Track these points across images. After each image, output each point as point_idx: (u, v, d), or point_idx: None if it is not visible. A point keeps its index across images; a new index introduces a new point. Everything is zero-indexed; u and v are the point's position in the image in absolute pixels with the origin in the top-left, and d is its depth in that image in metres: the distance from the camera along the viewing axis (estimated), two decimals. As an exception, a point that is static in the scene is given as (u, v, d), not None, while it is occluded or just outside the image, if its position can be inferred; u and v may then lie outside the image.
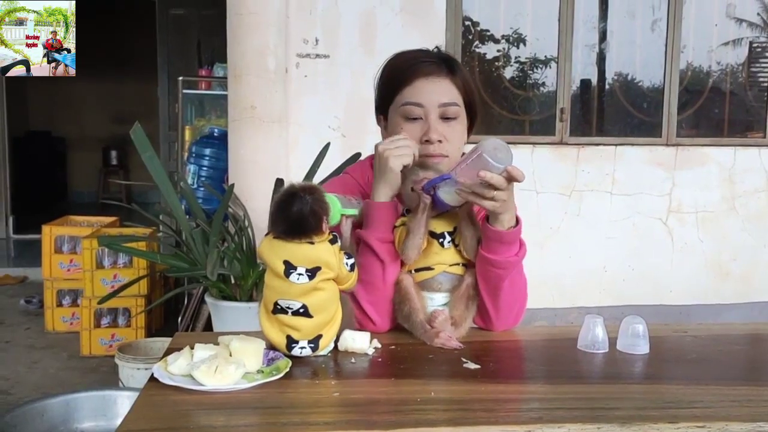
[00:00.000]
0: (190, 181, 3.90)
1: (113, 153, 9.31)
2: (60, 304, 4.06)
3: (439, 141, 1.38)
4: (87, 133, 9.35)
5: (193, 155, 4.05)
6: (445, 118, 1.39)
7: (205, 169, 3.99)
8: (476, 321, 1.41)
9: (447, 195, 1.27)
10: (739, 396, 1.10)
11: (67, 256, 4.06)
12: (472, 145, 1.32)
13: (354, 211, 1.29)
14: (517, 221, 1.33)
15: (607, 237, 4.06)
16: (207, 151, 4.01)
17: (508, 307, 1.39)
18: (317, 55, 3.65)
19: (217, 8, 4.00)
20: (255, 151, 3.37)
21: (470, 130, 1.49)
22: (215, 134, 4.07)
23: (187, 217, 3.12)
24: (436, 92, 1.39)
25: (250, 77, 3.35)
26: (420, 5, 3.78)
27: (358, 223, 1.34)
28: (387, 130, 1.46)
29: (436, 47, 1.49)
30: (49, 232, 4.06)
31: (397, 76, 1.42)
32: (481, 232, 1.33)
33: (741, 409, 1.04)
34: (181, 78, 4.48)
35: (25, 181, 7.67)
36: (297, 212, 1.15)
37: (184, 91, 4.46)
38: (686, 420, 0.99)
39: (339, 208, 1.24)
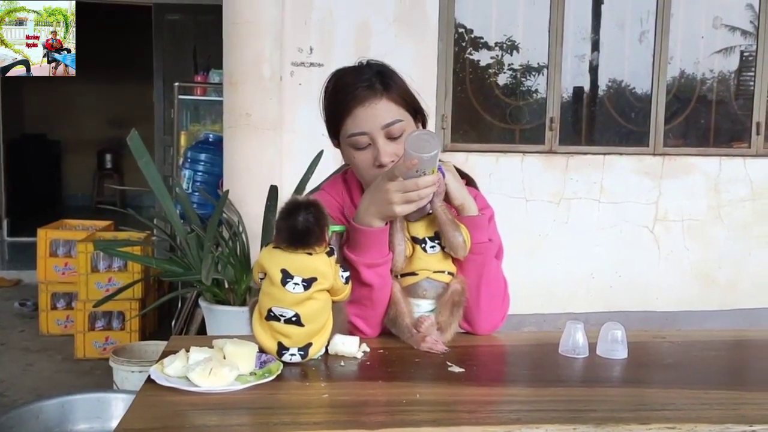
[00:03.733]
0: (185, 186, 3.93)
1: (108, 156, 9.32)
2: (54, 307, 4.08)
3: (392, 161, 1.38)
4: (82, 136, 9.35)
5: (189, 160, 4.08)
6: (391, 137, 1.40)
7: (200, 174, 4.03)
8: (461, 324, 1.44)
9: None
10: (710, 399, 1.14)
11: (62, 259, 4.09)
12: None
13: (342, 228, 1.34)
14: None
15: (594, 244, 4.12)
16: (202, 157, 4.05)
17: (490, 305, 1.43)
18: (311, 64, 3.69)
19: (213, 14, 4.05)
20: (250, 158, 3.41)
21: (424, 124, 1.50)
22: (210, 140, 4.10)
23: (182, 221, 3.16)
24: (376, 116, 1.38)
25: (245, 85, 3.40)
26: (413, 15, 3.83)
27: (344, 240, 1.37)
28: (343, 156, 1.48)
29: (366, 60, 1.47)
30: (45, 236, 4.10)
31: (336, 108, 1.42)
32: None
33: (711, 411, 1.08)
34: (177, 84, 4.52)
35: (20, 184, 7.68)
36: (303, 223, 1.19)
37: (180, 96, 4.49)
38: (658, 421, 1.02)
39: (330, 227, 1.28)
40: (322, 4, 3.70)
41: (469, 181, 1.55)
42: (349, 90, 1.40)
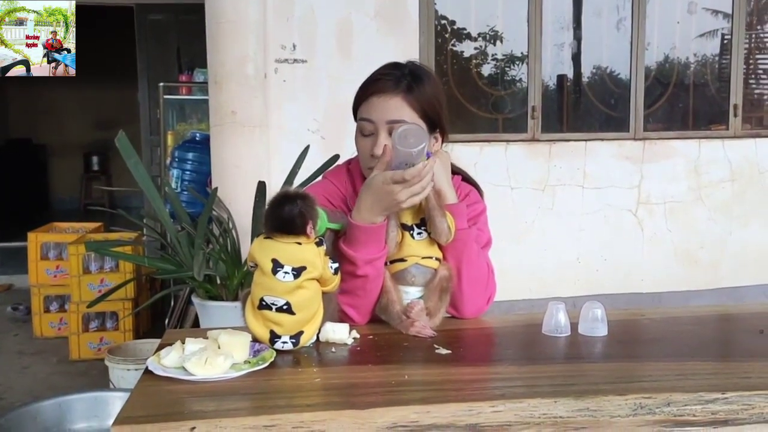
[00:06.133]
0: (173, 185, 3.94)
1: (95, 159, 9.30)
2: (47, 310, 4.09)
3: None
4: (68, 139, 9.31)
5: (176, 160, 4.09)
6: None
7: (188, 173, 4.04)
8: (447, 309, 1.49)
9: None
10: (685, 370, 1.19)
11: (54, 262, 4.09)
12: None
13: (338, 226, 1.38)
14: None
15: (580, 229, 4.18)
16: (190, 156, 4.06)
17: (472, 289, 1.47)
18: (295, 61, 3.72)
19: (196, 13, 4.06)
20: (237, 156, 3.43)
21: (443, 141, 1.54)
22: (197, 138, 4.12)
23: (172, 220, 3.18)
24: (386, 110, 1.43)
25: (230, 84, 3.42)
26: (394, 10, 3.86)
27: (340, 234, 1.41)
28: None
29: (410, 61, 1.52)
30: (35, 240, 4.09)
31: (359, 92, 1.49)
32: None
33: (685, 381, 1.13)
34: (161, 84, 4.53)
35: (7, 190, 7.66)
36: (287, 212, 1.24)
37: (165, 96, 4.51)
38: (635, 392, 1.07)
39: (326, 222, 1.32)
40: (303, 1, 3.73)
41: (465, 177, 1.61)
42: (376, 78, 1.47)
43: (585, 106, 4.50)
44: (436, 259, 1.44)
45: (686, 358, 1.26)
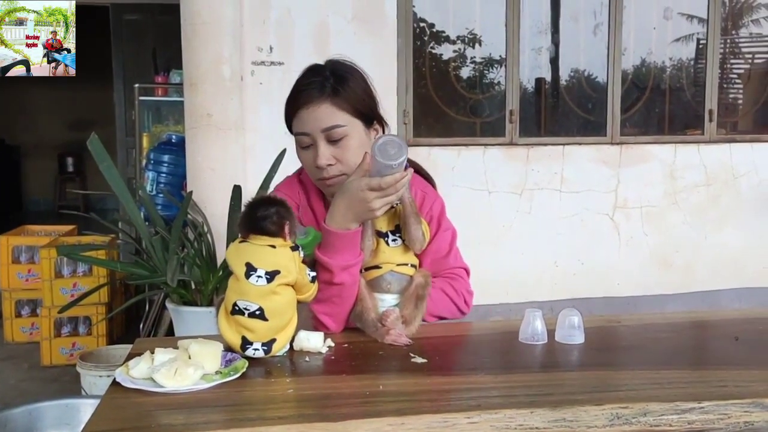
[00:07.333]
0: (148, 188, 3.90)
1: (69, 160, 9.18)
2: (19, 315, 4.02)
3: (330, 164, 1.43)
4: (42, 140, 9.19)
5: (152, 162, 4.05)
6: (331, 140, 1.43)
7: (163, 175, 4.00)
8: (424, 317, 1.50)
9: None
10: (661, 379, 1.19)
11: (25, 266, 4.02)
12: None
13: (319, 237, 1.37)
14: None
15: (557, 233, 4.18)
16: (165, 158, 4.02)
17: (451, 315, 1.53)
18: (272, 63, 3.69)
19: (172, 14, 4.01)
20: (212, 159, 3.40)
21: (383, 128, 1.53)
22: (173, 140, 4.07)
23: (146, 224, 3.14)
24: (317, 119, 1.42)
25: (205, 85, 3.39)
26: (371, 13, 3.85)
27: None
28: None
29: (329, 60, 1.50)
30: (6, 243, 4.02)
31: (287, 108, 1.47)
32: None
33: (661, 390, 1.13)
34: (137, 85, 4.48)
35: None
36: (263, 211, 1.24)
37: (141, 97, 4.46)
38: (611, 402, 1.07)
39: (319, 238, 1.33)
40: (280, 3, 3.70)
41: (417, 169, 1.59)
42: (299, 90, 1.45)
43: (563, 110, 4.52)
44: (412, 265, 1.43)
45: (662, 367, 1.26)
